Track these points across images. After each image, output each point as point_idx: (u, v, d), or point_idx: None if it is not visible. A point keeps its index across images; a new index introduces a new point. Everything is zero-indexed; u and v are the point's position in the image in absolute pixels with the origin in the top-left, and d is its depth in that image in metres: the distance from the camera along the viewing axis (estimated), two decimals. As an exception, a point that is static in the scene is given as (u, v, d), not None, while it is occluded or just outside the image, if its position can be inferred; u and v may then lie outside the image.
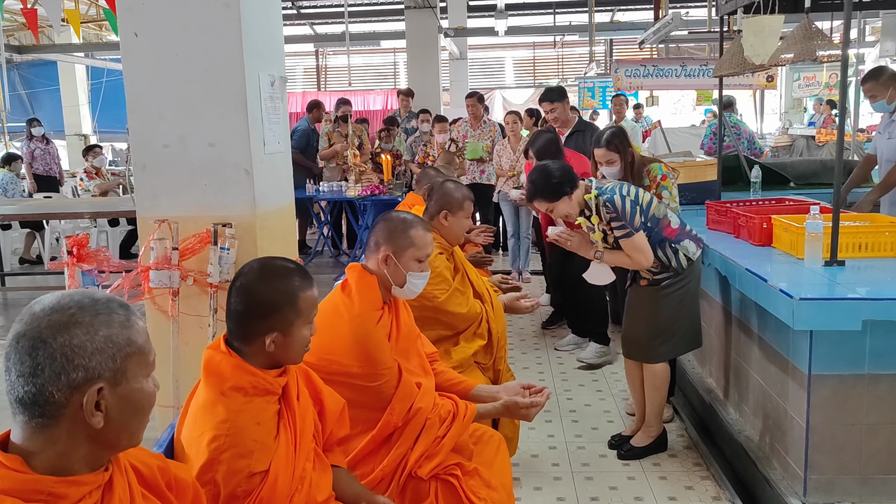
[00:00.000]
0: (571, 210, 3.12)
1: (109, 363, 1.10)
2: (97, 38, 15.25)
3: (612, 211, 3.05)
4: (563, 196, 3.08)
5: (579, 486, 3.14)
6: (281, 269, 1.74)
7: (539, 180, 3.13)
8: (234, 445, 1.57)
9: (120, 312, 1.15)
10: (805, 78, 14.30)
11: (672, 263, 3.16)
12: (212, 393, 1.63)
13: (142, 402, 1.17)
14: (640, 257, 3.10)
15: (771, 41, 3.70)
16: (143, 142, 3.12)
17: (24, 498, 1.04)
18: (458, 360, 2.86)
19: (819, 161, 6.03)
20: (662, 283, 3.19)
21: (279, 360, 1.72)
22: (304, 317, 1.71)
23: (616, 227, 3.09)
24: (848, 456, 2.71)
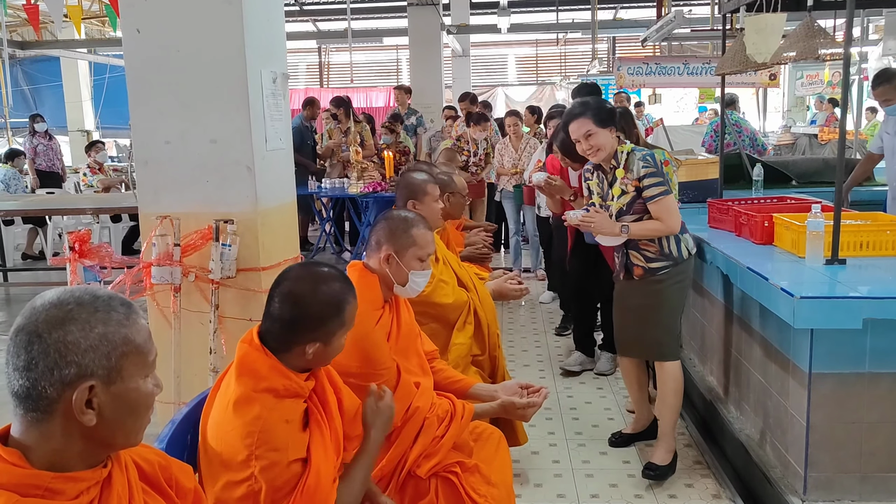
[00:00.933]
0: (607, 146, 2.96)
1: (103, 361, 1.10)
2: (100, 34, 15.25)
3: (652, 165, 2.93)
4: (610, 126, 2.95)
5: (580, 483, 3.15)
6: (330, 280, 1.74)
7: (594, 102, 3.02)
8: (268, 441, 1.58)
9: (120, 310, 1.14)
10: (808, 76, 14.28)
11: (672, 252, 3.04)
12: (244, 390, 1.63)
13: (138, 401, 1.15)
14: (673, 221, 2.97)
15: (773, 39, 3.70)
16: (145, 138, 3.13)
17: (22, 493, 1.05)
18: (455, 359, 2.86)
19: (821, 159, 6.02)
20: (659, 273, 3.04)
21: (314, 365, 1.73)
22: (347, 328, 1.74)
23: (651, 185, 2.93)
24: (848, 454, 2.71)
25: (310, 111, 8.58)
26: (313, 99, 8.90)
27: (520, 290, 3.30)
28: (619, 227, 3.01)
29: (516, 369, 4.53)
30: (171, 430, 1.69)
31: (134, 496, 1.21)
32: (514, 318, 5.71)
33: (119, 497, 1.17)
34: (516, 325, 5.54)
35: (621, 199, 3.00)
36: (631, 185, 2.96)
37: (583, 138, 2.97)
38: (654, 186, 2.93)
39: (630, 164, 2.96)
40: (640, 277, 3.08)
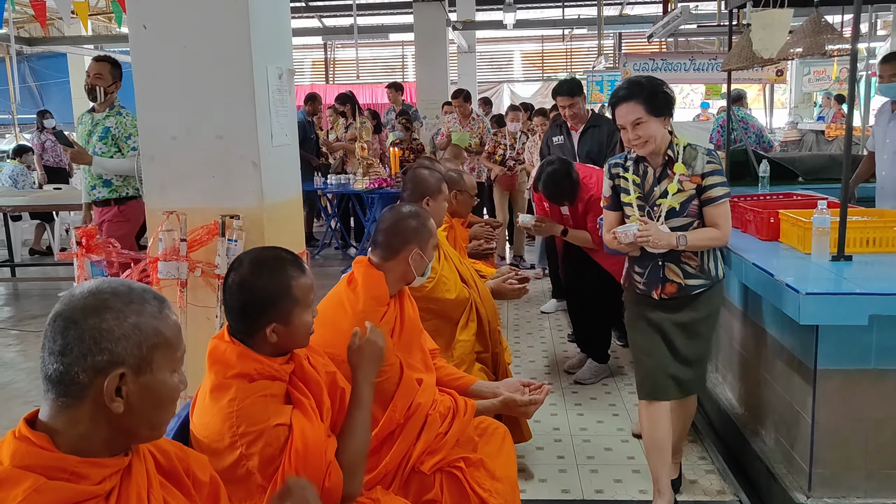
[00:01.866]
0: (658, 138, 2.59)
1: (135, 350, 1.13)
2: (106, 31, 15.29)
3: (717, 163, 2.60)
4: (664, 115, 2.59)
5: (584, 478, 3.15)
6: (271, 260, 1.73)
7: (648, 84, 2.60)
8: (246, 418, 1.59)
9: (153, 304, 1.18)
10: (815, 72, 14.23)
11: (711, 270, 2.69)
12: (216, 379, 1.65)
13: (164, 394, 1.18)
14: (728, 230, 2.65)
15: (780, 35, 3.69)
16: (151, 134, 3.14)
17: (49, 475, 1.07)
18: (459, 356, 2.87)
19: (828, 156, 6.00)
20: (694, 293, 2.68)
21: (285, 347, 1.73)
22: (301, 304, 1.71)
23: (715, 185, 2.59)
24: (853, 451, 2.71)
25: (311, 107, 8.62)
26: (315, 94, 8.94)
27: (519, 289, 3.31)
28: (676, 238, 2.60)
29: (522, 364, 4.54)
30: (177, 423, 1.71)
31: (152, 485, 1.23)
32: (520, 314, 5.72)
33: (138, 486, 1.19)
34: (522, 322, 5.54)
35: (675, 196, 2.62)
36: (690, 182, 2.61)
37: (630, 126, 2.58)
38: (718, 187, 2.60)
39: (690, 159, 2.63)
40: (671, 296, 2.70)
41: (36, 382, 4.21)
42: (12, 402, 4.19)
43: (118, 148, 4.35)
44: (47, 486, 1.06)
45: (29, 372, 4.42)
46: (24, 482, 1.05)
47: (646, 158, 2.68)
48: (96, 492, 1.12)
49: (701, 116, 14.44)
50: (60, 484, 1.08)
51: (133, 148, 4.31)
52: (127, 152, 4.33)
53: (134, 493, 1.18)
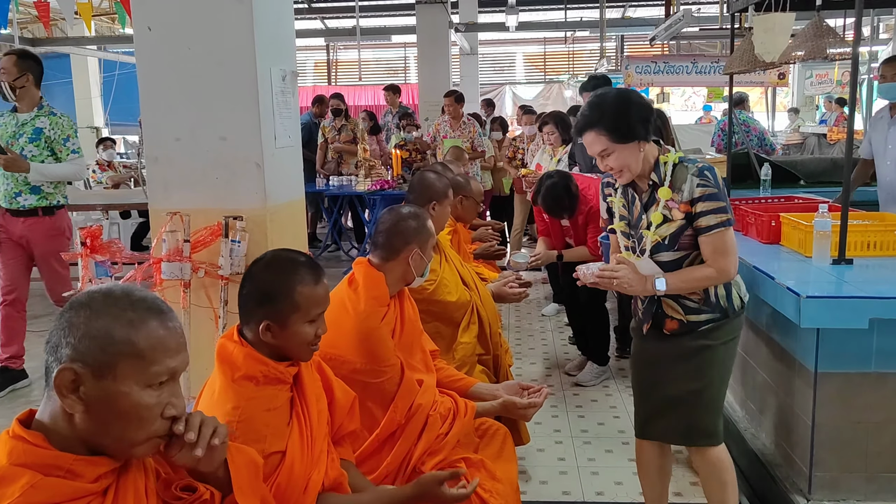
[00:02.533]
0: (633, 165, 2.18)
1: (97, 353, 1.11)
2: (110, 31, 15.32)
3: (712, 184, 2.13)
4: (636, 139, 2.14)
5: (585, 480, 3.16)
6: (287, 261, 1.75)
7: (611, 105, 2.17)
8: (247, 432, 1.60)
9: (140, 313, 1.14)
10: (817, 76, 14.24)
11: (721, 301, 2.27)
12: (224, 380, 1.66)
13: (125, 407, 1.12)
14: (729, 264, 2.18)
15: (782, 39, 3.70)
16: (155, 135, 3.15)
17: (44, 472, 1.09)
18: (461, 359, 2.89)
19: (829, 159, 6.01)
20: (702, 329, 2.28)
21: (282, 352, 1.71)
22: (302, 312, 1.69)
23: (708, 211, 2.14)
24: (854, 454, 2.72)
25: (318, 108, 8.67)
26: (322, 97, 9.00)
27: (519, 292, 3.33)
28: (653, 285, 2.22)
29: (523, 366, 4.55)
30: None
31: (150, 480, 1.24)
32: (521, 316, 5.73)
33: (136, 482, 1.20)
34: (523, 324, 5.55)
35: (661, 228, 2.22)
36: (679, 211, 2.19)
37: (598, 156, 2.24)
38: (712, 214, 2.14)
39: (679, 181, 2.18)
40: (673, 332, 2.33)
41: (40, 383, 4.23)
42: (16, 402, 4.20)
43: (52, 151, 4.07)
44: (44, 482, 1.07)
45: (32, 371, 4.43)
46: (21, 479, 1.06)
47: (634, 182, 2.30)
48: (92, 489, 1.13)
49: (703, 119, 14.46)
50: (56, 480, 1.09)
51: (74, 151, 4.08)
52: (66, 156, 4.07)
53: (131, 490, 1.18)
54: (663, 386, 2.37)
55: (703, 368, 2.31)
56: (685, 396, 2.34)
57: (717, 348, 2.30)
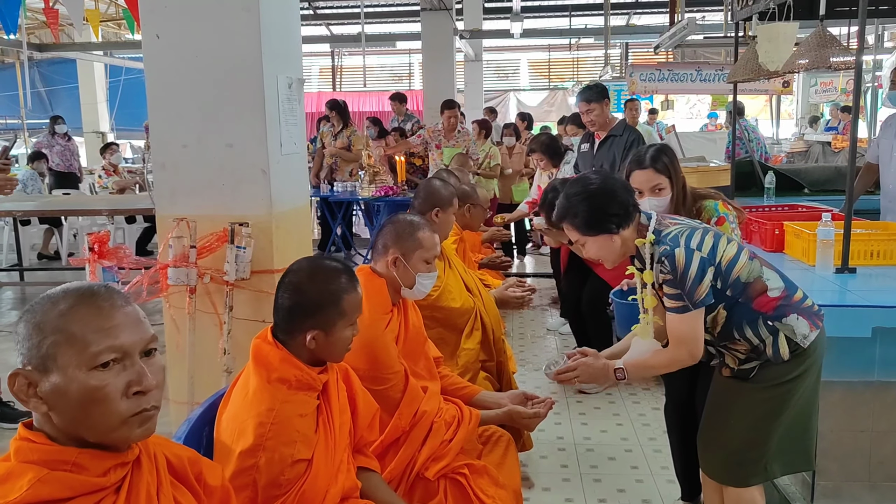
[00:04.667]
0: (607, 254, 2.17)
1: (35, 350, 1.12)
2: (116, 37, 15.40)
3: (668, 271, 2.05)
4: (605, 232, 2.12)
5: (587, 487, 3.17)
6: (329, 269, 1.80)
7: (578, 198, 2.15)
8: (279, 434, 1.63)
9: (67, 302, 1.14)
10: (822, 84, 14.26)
11: (767, 349, 2.12)
12: (259, 381, 1.69)
13: (78, 393, 1.11)
14: (680, 352, 2.11)
15: (786, 48, 3.71)
16: (162, 141, 3.18)
17: (50, 467, 1.10)
18: (464, 365, 2.90)
19: (834, 167, 6.02)
20: (752, 376, 2.18)
21: (321, 357, 1.77)
22: (347, 318, 1.76)
23: (668, 296, 2.10)
24: (856, 463, 2.72)
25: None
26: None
27: (522, 297, 3.33)
28: (612, 378, 2.25)
29: (526, 373, 4.55)
30: (187, 428, 1.73)
31: (162, 483, 1.25)
32: (524, 323, 5.74)
33: (148, 483, 1.22)
34: (526, 331, 5.56)
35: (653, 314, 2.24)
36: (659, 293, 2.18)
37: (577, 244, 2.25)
38: (669, 298, 2.10)
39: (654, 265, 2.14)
40: (729, 376, 2.27)
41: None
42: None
43: None
44: (50, 476, 1.09)
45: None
46: (27, 474, 1.08)
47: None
48: (102, 484, 1.14)
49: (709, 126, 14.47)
50: (63, 474, 1.11)
51: None
52: None
53: (144, 489, 1.20)
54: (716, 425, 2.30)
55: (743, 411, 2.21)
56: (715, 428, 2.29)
57: (762, 391, 2.16)
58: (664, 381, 2.96)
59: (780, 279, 2.16)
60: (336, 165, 8.02)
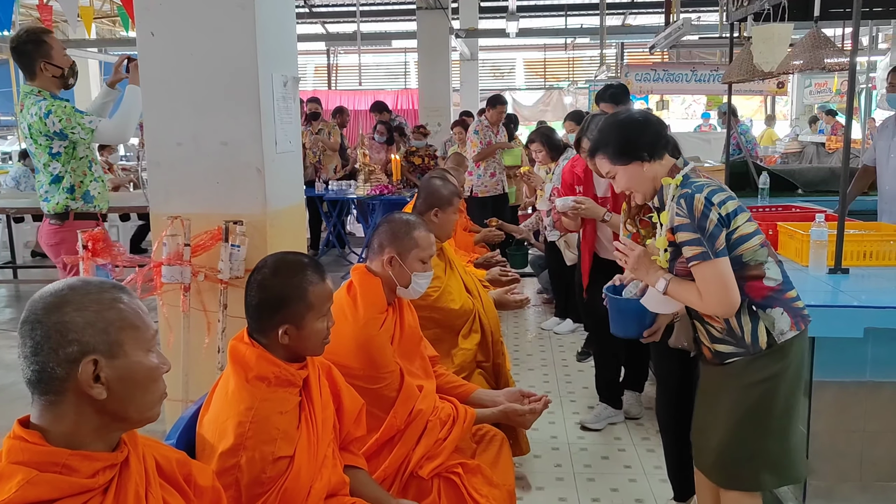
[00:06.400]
0: (638, 186, 2.14)
1: (102, 336, 1.16)
2: (110, 34, 15.35)
3: (685, 214, 2.01)
4: (636, 160, 2.11)
5: (581, 486, 3.18)
6: (293, 263, 1.79)
7: (611, 127, 2.18)
8: (259, 433, 1.63)
9: (111, 292, 1.21)
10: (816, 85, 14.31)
11: (745, 336, 2.09)
12: (238, 381, 1.69)
13: (142, 374, 1.21)
14: (712, 298, 2.02)
15: (780, 49, 3.72)
16: (157, 140, 3.17)
17: (40, 469, 1.11)
18: (460, 364, 2.90)
19: (828, 168, 6.04)
20: (728, 362, 2.14)
21: (298, 351, 1.76)
22: (316, 310, 1.75)
23: (683, 242, 2.03)
24: (848, 463, 2.74)
25: (340, 118, 8.84)
26: (343, 108, 9.27)
27: (521, 300, 3.35)
28: (658, 278, 2.13)
29: (521, 372, 4.56)
30: (181, 427, 1.73)
31: (151, 484, 1.26)
32: (519, 323, 5.74)
33: (136, 483, 1.22)
34: (521, 329, 5.57)
35: (665, 254, 2.16)
36: (667, 237, 2.12)
37: (608, 178, 2.26)
38: (686, 245, 2.03)
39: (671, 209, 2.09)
40: (710, 361, 2.22)
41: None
42: (16, 403, 4.21)
43: None
44: (39, 478, 1.10)
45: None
46: (17, 475, 1.09)
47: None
48: (90, 485, 1.15)
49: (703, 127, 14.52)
50: (53, 476, 1.11)
51: None
52: None
53: (132, 490, 1.21)
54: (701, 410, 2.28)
55: (721, 400, 2.16)
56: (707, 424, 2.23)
57: (741, 390, 2.11)
58: (657, 377, 2.96)
59: (781, 274, 2.13)
60: (320, 164, 8.02)
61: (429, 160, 8.02)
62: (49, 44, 3.46)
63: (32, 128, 3.40)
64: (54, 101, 3.43)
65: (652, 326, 2.34)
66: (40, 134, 3.40)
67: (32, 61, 3.44)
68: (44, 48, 3.44)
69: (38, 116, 3.36)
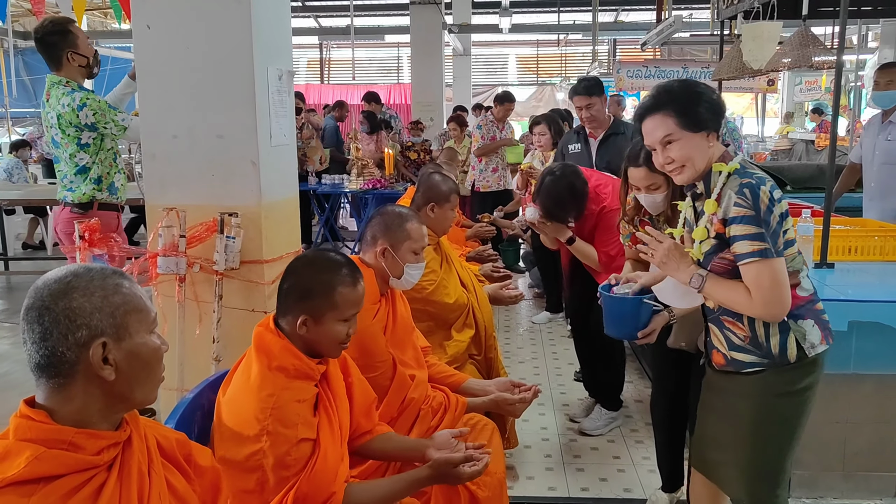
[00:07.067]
0: (697, 161, 1.92)
1: (109, 319, 1.20)
2: (102, 26, 15.28)
3: (749, 205, 1.82)
4: (705, 130, 1.91)
5: (570, 476, 3.23)
6: (330, 261, 1.86)
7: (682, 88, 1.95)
8: (280, 419, 1.69)
9: (113, 277, 1.25)
10: (807, 82, 14.40)
11: (771, 346, 1.93)
12: (261, 368, 1.75)
13: (148, 355, 1.26)
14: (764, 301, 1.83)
15: (769, 47, 3.78)
16: (153, 132, 3.19)
17: (48, 446, 1.15)
18: (453, 355, 2.94)
19: (816, 165, 6.11)
20: (746, 372, 1.97)
21: (314, 347, 1.81)
22: (338, 311, 1.80)
23: (740, 237, 1.84)
24: (832, 453, 2.80)
25: (339, 112, 8.91)
26: (343, 102, 9.36)
27: (515, 296, 3.40)
28: (692, 275, 1.94)
29: (512, 365, 4.60)
30: (180, 411, 1.77)
31: (153, 461, 1.30)
32: (511, 316, 5.79)
33: (139, 462, 1.27)
34: (512, 323, 5.61)
35: (704, 244, 1.94)
36: (715, 228, 1.91)
37: (659, 145, 1.96)
38: (745, 240, 1.83)
39: (724, 196, 1.89)
40: (721, 368, 2.05)
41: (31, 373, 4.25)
42: (9, 392, 4.23)
43: None
44: (47, 454, 1.14)
45: (24, 363, 4.38)
46: (25, 452, 1.13)
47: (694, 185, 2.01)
48: (96, 462, 1.20)
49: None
50: (59, 452, 1.16)
51: None
52: None
53: (135, 467, 1.25)
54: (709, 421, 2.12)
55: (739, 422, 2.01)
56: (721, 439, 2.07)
57: (768, 403, 1.96)
58: (654, 375, 3.00)
59: (811, 284, 2.01)
60: (305, 156, 8.05)
61: (424, 155, 8.07)
62: (74, 34, 3.50)
63: (62, 118, 3.43)
64: (88, 94, 3.47)
65: (647, 328, 2.26)
66: (70, 125, 3.43)
67: (59, 51, 3.47)
68: (70, 38, 3.48)
69: (71, 108, 3.40)
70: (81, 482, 1.17)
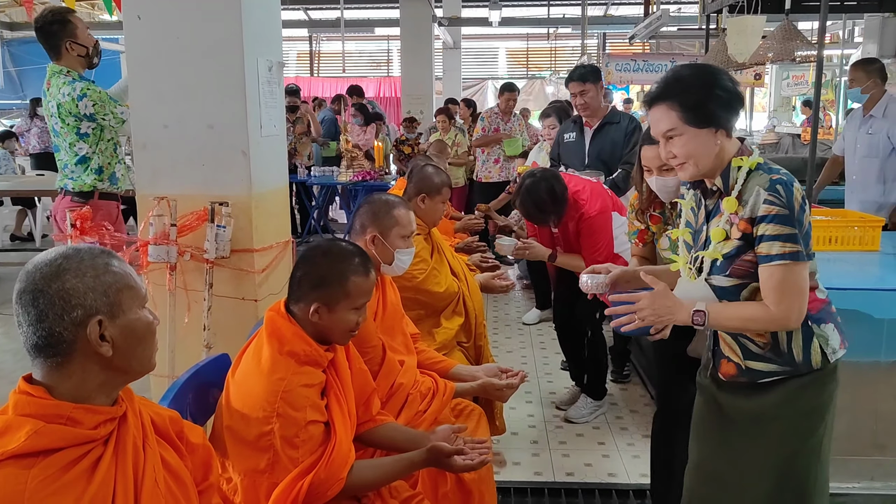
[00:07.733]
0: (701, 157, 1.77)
1: (103, 298, 1.25)
2: (90, 18, 15.19)
3: (783, 203, 1.67)
4: (711, 126, 1.75)
5: (556, 462, 3.29)
6: (344, 250, 1.92)
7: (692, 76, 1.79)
8: (289, 401, 1.74)
9: (102, 257, 1.29)
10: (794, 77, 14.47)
11: (794, 352, 1.79)
12: (272, 352, 1.80)
13: (142, 329, 1.30)
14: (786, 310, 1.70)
15: (753, 40, 3.84)
16: (143, 122, 3.21)
17: (46, 420, 1.20)
18: (442, 342, 2.99)
19: (801, 159, 6.20)
20: (764, 381, 1.81)
21: (325, 334, 1.87)
22: (351, 299, 1.85)
23: (769, 237, 1.69)
24: (810, 438, 2.85)
25: (338, 105, 9.02)
26: (342, 95, 9.44)
27: (506, 285, 3.45)
28: (691, 314, 1.76)
29: (500, 355, 4.66)
30: (173, 393, 1.82)
31: (147, 436, 1.35)
32: (499, 307, 5.85)
33: (134, 437, 1.31)
34: (500, 314, 5.67)
35: (722, 245, 1.79)
36: (739, 228, 1.75)
37: (662, 138, 1.82)
38: (775, 240, 1.68)
39: (747, 192, 1.74)
40: (730, 379, 1.88)
41: (21, 363, 4.27)
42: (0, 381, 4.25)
43: None
44: (46, 429, 1.18)
45: (14, 353, 4.47)
46: (25, 426, 1.17)
47: (702, 182, 1.86)
48: (93, 436, 1.24)
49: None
50: (58, 427, 1.20)
51: None
52: None
53: (130, 441, 1.30)
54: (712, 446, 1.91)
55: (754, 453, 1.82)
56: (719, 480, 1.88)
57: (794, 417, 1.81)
58: (657, 388, 2.94)
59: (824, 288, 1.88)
60: (295, 150, 8.07)
61: (417, 149, 8.12)
62: (74, 23, 3.51)
63: (62, 107, 3.45)
64: (89, 84, 3.48)
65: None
66: (69, 114, 3.45)
67: (58, 41, 3.48)
68: (69, 27, 3.49)
69: (71, 97, 3.41)
70: (79, 455, 1.21)
